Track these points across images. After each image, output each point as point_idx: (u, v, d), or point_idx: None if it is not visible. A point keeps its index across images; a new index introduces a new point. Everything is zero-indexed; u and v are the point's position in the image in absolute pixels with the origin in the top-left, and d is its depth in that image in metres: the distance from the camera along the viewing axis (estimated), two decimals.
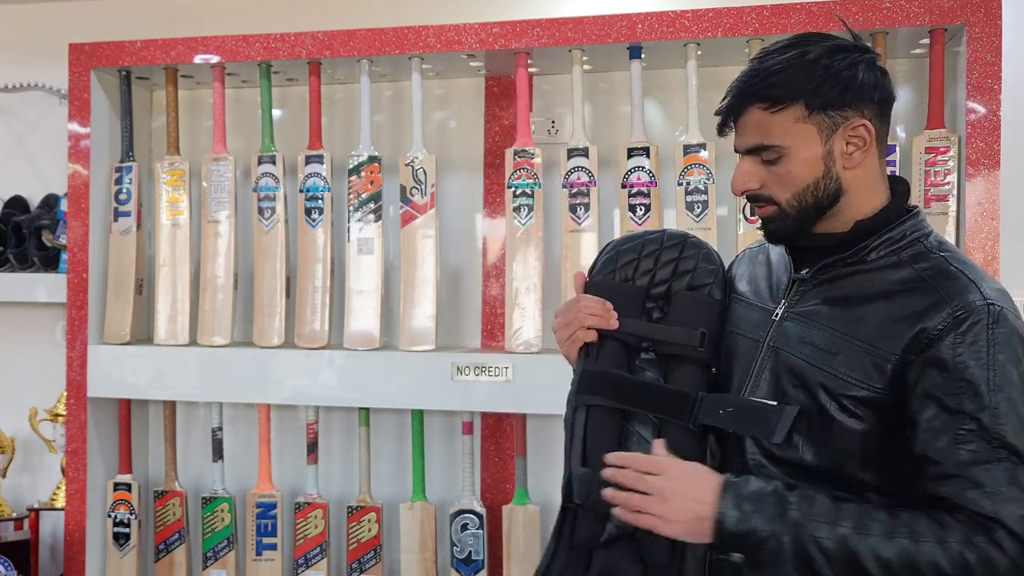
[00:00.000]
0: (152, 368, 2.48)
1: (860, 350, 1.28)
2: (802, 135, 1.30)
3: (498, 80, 2.54)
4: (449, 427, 2.55)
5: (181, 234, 2.54)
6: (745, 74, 1.35)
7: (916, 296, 1.28)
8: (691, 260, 1.45)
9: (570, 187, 2.31)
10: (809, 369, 1.31)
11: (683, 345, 1.41)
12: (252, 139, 2.64)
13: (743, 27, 2.17)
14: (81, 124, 2.54)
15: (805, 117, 1.30)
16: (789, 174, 1.32)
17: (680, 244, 1.47)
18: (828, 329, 1.32)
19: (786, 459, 1.32)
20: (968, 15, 2.08)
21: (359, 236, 2.42)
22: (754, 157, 1.34)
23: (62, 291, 2.57)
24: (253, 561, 2.49)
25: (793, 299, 1.38)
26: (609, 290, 1.45)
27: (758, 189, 1.35)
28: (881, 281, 1.31)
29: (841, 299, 1.33)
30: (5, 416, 2.83)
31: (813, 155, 1.31)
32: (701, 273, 1.45)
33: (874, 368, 1.27)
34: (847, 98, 1.30)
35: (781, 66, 1.31)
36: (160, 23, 2.74)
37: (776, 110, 1.30)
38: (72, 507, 2.54)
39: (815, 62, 1.30)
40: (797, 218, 1.34)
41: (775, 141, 1.31)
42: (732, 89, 1.36)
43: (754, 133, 1.33)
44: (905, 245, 1.34)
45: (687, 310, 1.44)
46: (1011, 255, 2.22)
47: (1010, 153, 2.18)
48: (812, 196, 1.32)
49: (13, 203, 2.86)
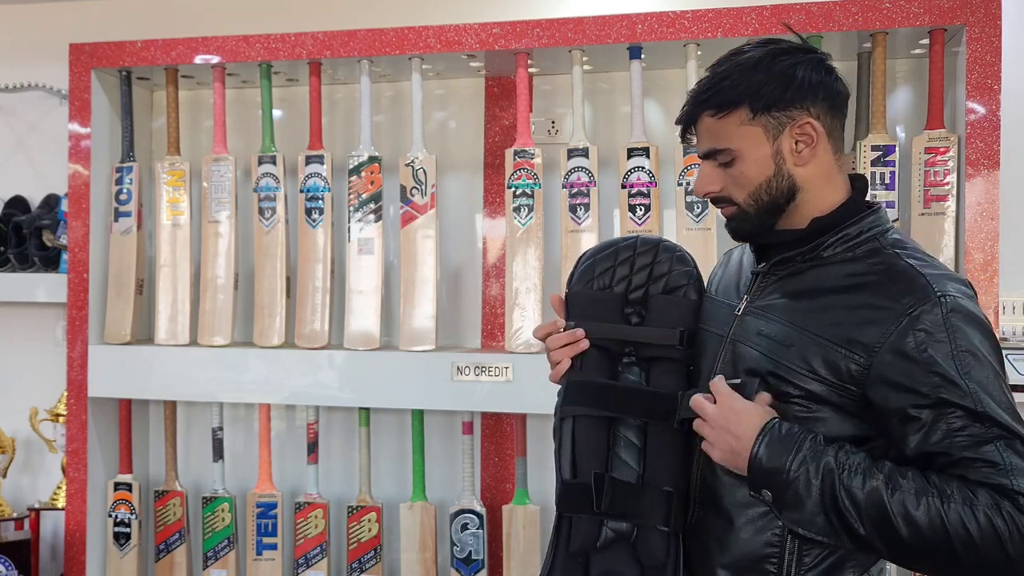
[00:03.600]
0: (153, 368, 2.49)
1: (812, 343, 1.31)
2: (749, 137, 1.35)
3: (498, 80, 2.54)
4: (449, 427, 2.55)
5: (182, 234, 2.54)
6: (697, 84, 1.41)
7: (868, 292, 1.30)
8: (665, 264, 1.48)
9: (570, 187, 2.31)
10: (761, 359, 1.34)
11: (663, 346, 1.44)
12: (252, 139, 2.64)
13: (743, 27, 2.18)
14: (82, 124, 2.54)
15: (750, 120, 1.35)
16: (742, 175, 1.36)
17: (653, 249, 1.50)
18: (782, 322, 1.35)
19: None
20: (968, 15, 2.08)
21: (359, 236, 2.42)
22: (712, 161, 1.39)
23: (63, 291, 2.57)
24: (253, 561, 2.50)
25: (754, 294, 1.41)
26: (588, 300, 1.48)
27: (718, 191, 1.40)
28: (835, 276, 1.34)
29: (796, 293, 1.36)
30: (6, 416, 2.83)
31: (762, 155, 1.35)
32: (676, 276, 1.49)
33: (825, 362, 1.30)
34: (789, 97, 1.34)
35: (725, 72, 1.37)
36: (160, 23, 2.75)
37: (722, 115, 1.35)
38: (73, 507, 2.54)
39: (756, 66, 1.35)
40: (756, 216, 1.38)
41: (725, 144, 1.36)
42: (686, 101, 1.41)
43: (707, 139, 1.38)
44: (862, 241, 1.36)
45: (664, 312, 1.47)
46: (1010, 255, 2.23)
47: (1010, 153, 2.19)
48: (767, 194, 1.36)
49: (14, 203, 2.87)
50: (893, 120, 2.33)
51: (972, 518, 1.17)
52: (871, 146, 2.18)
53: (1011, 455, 1.20)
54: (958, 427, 1.22)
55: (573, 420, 1.43)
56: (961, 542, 1.18)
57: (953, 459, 1.22)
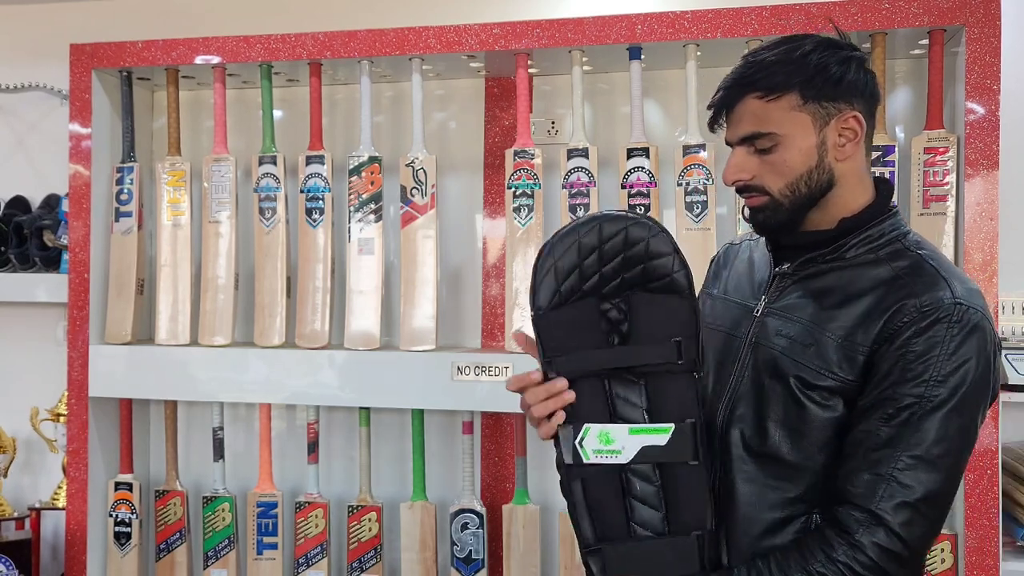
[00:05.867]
0: (153, 368, 2.49)
1: (834, 343, 1.31)
2: (797, 124, 1.33)
3: (498, 81, 2.55)
4: (449, 427, 2.56)
5: (182, 234, 2.54)
6: (738, 67, 1.37)
7: (891, 292, 1.31)
8: (640, 248, 1.30)
9: (570, 187, 2.31)
10: (783, 360, 1.34)
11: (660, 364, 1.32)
12: (253, 139, 2.65)
13: (743, 28, 2.18)
14: (82, 124, 2.55)
15: (800, 106, 1.32)
16: (784, 163, 1.33)
17: (622, 232, 1.30)
18: (804, 322, 1.34)
19: (764, 453, 1.34)
20: (967, 16, 2.08)
21: (360, 236, 2.42)
22: (747, 147, 1.35)
23: (63, 291, 2.58)
24: (254, 560, 2.50)
25: (773, 295, 1.40)
26: (560, 325, 1.31)
27: (749, 180, 1.36)
28: (859, 278, 1.34)
29: (818, 293, 1.36)
30: (6, 416, 2.84)
31: (807, 144, 1.33)
32: (656, 265, 1.30)
33: (846, 360, 1.30)
34: (839, 90, 1.33)
35: (776, 58, 1.34)
36: (161, 24, 2.75)
37: (772, 98, 1.33)
38: (73, 506, 2.55)
39: (809, 55, 1.33)
40: (789, 208, 1.35)
41: (771, 129, 1.33)
42: (725, 82, 1.38)
43: (750, 121, 1.34)
44: (883, 243, 1.36)
45: (651, 318, 1.31)
46: (1010, 255, 2.23)
47: (1009, 153, 2.19)
48: (805, 186, 1.34)
49: (14, 203, 2.87)
50: (892, 120, 2.33)
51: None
52: (871, 146, 2.18)
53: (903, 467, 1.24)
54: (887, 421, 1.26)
55: (582, 482, 1.33)
56: None
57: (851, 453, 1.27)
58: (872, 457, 1.25)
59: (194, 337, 2.51)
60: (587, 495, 1.34)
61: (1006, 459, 2.24)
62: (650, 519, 1.33)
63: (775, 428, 1.33)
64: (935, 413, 1.24)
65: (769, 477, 1.34)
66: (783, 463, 1.33)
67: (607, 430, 1.33)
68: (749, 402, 1.37)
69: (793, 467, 1.33)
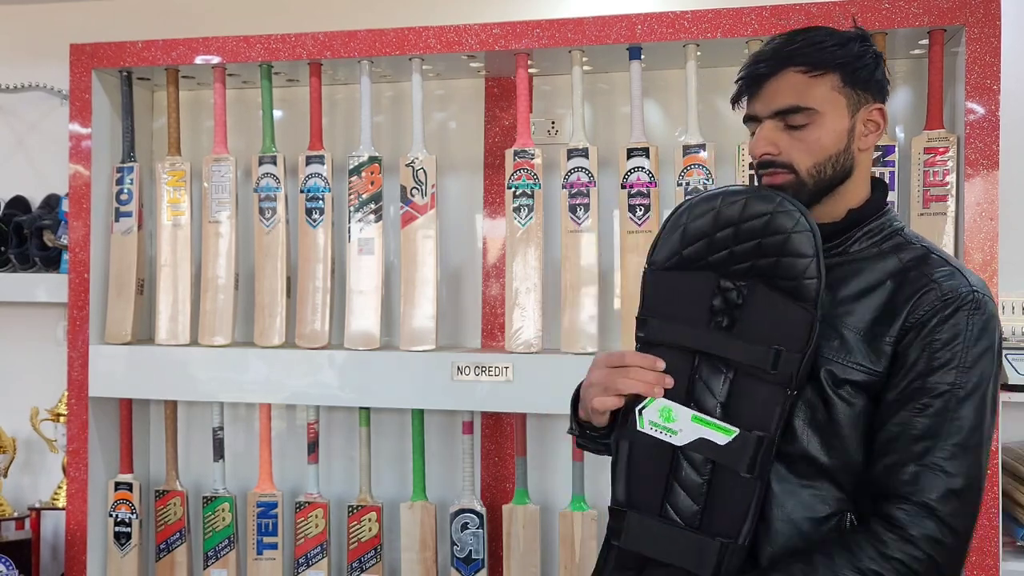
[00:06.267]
0: (153, 368, 2.49)
1: (857, 335, 1.31)
2: (835, 104, 1.34)
3: (498, 81, 2.55)
4: (449, 427, 2.56)
5: (182, 234, 2.54)
6: (781, 41, 1.36)
7: (906, 283, 1.32)
8: (780, 238, 1.25)
9: (570, 187, 2.31)
10: (815, 359, 1.31)
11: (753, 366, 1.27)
12: (253, 139, 2.65)
13: (743, 28, 2.18)
14: (82, 124, 2.55)
15: (839, 87, 1.34)
16: (817, 141, 1.33)
17: (767, 215, 1.26)
18: (826, 319, 1.32)
19: (793, 453, 1.32)
20: (967, 16, 2.08)
21: (360, 236, 2.42)
22: (778, 122, 1.35)
23: (63, 291, 2.58)
24: (254, 560, 2.50)
25: None
26: (669, 288, 1.28)
27: (777, 155, 1.35)
28: (868, 270, 1.35)
29: (830, 287, 1.34)
30: (6, 416, 2.84)
31: (841, 127, 1.35)
32: (789, 263, 1.25)
33: (872, 352, 1.30)
34: (871, 82, 1.37)
35: (820, 36, 1.35)
36: (161, 24, 2.75)
37: (816, 75, 1.33)
38: (73, 506, 2.55)
39: (850, 42, 1.36)
40: (811, 190, 1.35)
41: (810, 104, 1.33)
42: (764, 54, 1.36)
43: (790, 95, 1.33)
44: (884, 237, 1.38)
45: (764, 315, 1.26)
46: (1010, 255, 2.23)
47: (1009, 153, 2.19)
48: (831, 168, 1.35)
49: (14, 203, 2.87)
50: (892, 120, 2.33)
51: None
52: None
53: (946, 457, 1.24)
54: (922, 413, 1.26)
55: (629, 445, 1.31)
56: None
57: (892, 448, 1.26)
58: (914, 449, 1.25)
59: (194, 337, 2.51)
60: (631, 457, 1.31)
61: (1006, 459, 2.24)
62: (685, 508, 1.29)
63: (803, 427, 1.31)
64: (968, 401, 1.26)
65: (801, 477, 1.32)
66: (814, 462, 1.31)
67: (671, 408, 1.29)
68: None
69: (824, 466, 1.31)
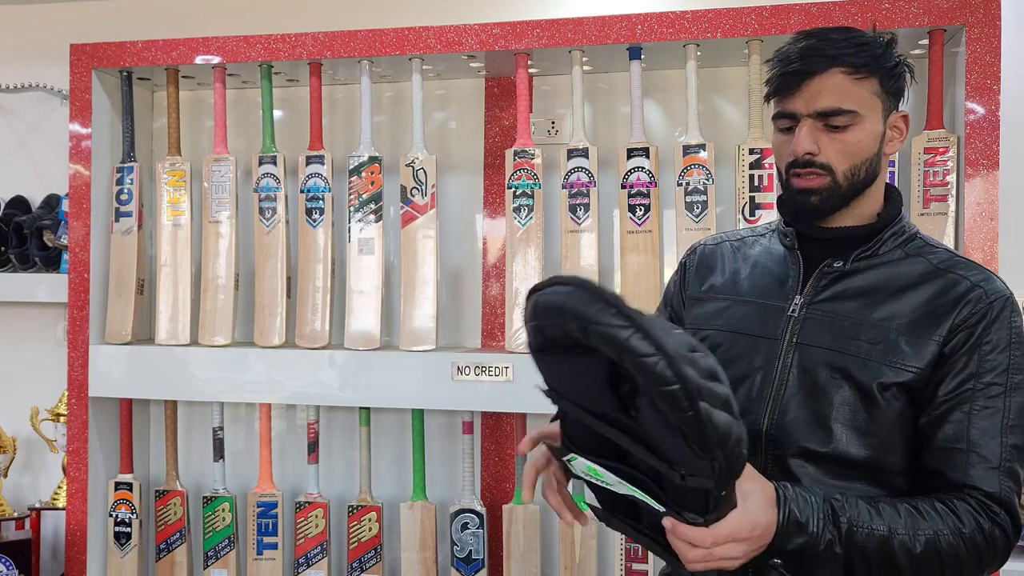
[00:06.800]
0: (153, 368, 2.49)
1: (901, 338, 1.31)
2: (873, 108, 1.35)
3: (498, 81, 2.55)
4: (449, 427, 2.56)
5: (182, 234, 2.54)
6: (820, 41, 1.34)
7: (945, 283, 1.34)
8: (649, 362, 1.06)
9: (570, 187, 2.31)
10: (853, 361, 1.32)
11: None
12: (253, 139, 2.65)
13: (743, 28, 2.18)
14: (82, 124, 2.55)
15: (878, 92, 1.35)
16: (858, 143, 1.34)
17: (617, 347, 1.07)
18: (863, 321, 1.33)
19: (826, 454, 1.32)
20: (967, 16, 2.08)
21: (360, 236, 2.42)
22: (818, 122, 1.34)
23: (63, 291, 2.58)
24: (254, 560, 2.50)
25: (810, 293, 1.38)
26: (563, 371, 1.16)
27: (816, 155, 1.34)
28: (901, 273, 1.36)
29: (866, 290, 1.35)
30: (6, 416, 2.84)
31: (876, 130, 1.36)
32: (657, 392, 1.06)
33: (921, 353, 1.31)
34: (900, 90, 1.38)
35: (865, 40, 1.35)
36: (161, 24, 2.75)
37: (860, 77, 1.33)
38: (73, 506, 2.55)
39: (889, 46, 1.36)
40: (844, 193, 1.35)
41: (853, 106, 1.33)
42: (807, 51, 1.34)
43: (834, 96, 1.32)
44: (906, 240, 1.39)
45: (660, 431, 1.10)
46: (1010, 255, 2.23)
47: (1009, 153, 2.19)
48: (865, 171, 1.35)
49: (15, 203, 2.87)
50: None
51: (961, 545, 1.25)
52: None
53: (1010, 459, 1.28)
54: (978, 415, 1.28)
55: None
56: (951, 565, 1.26)
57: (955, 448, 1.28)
58: (979, 453, 1.28)
59: (194, 337, 2.51)
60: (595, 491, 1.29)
61: None
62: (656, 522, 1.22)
63: (841, 429, 1.31)
64: (1019, 401, 1.30)
65: (835, 477, 1.31)
66: (849, 462, 1.31)
67: (598, 469, 1.20)
68: (803, 405, 1.33)
69: (860, 465, 1.31)
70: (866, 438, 1.31)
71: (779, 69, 1.36)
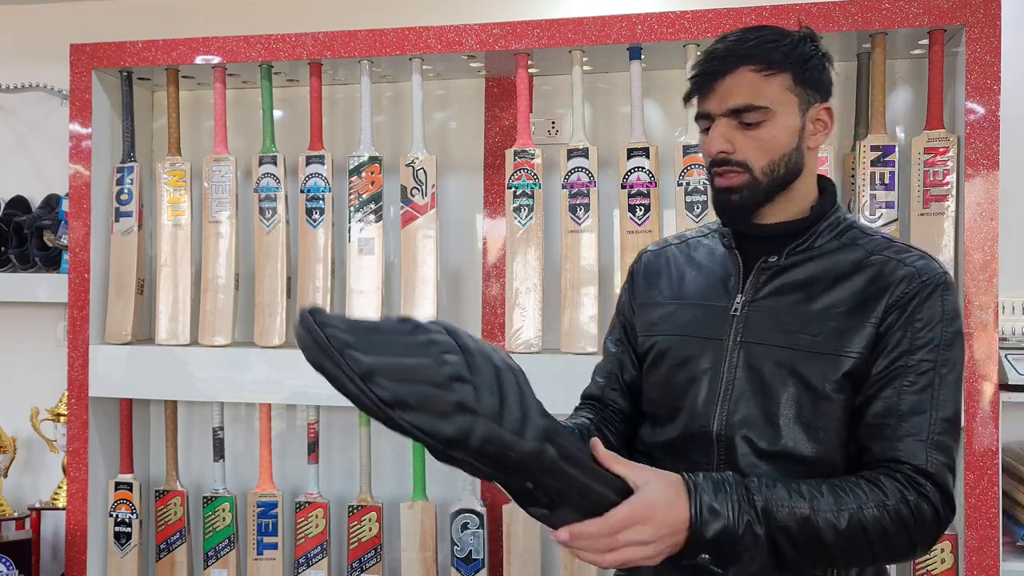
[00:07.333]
0: (153, 368, 2.49)
1: (843, 327, 1.32)
2: (787, 103, 1.35)
3: (498, 81, 2.55)
4: None
5: (182, 234, 2.54)
6: (733, 40, 1.37)
7: (880, 268, 1.35)
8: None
9: (570, 187, 2.31)
10: (797, 356, 1.33)
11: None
12: (253, 139, 2.65)
13: None
14: (82, 124, 2.55)
15: (791, 87, 1.35)
16: (773, 139, 1.34)
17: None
18: (803, 314, 1.34)
19: (778, 452, 1.32)
20: (967, 16, 2.08)
21: (360, 236, 2.42)
22: (732, 120, 1.35)
23: (63, 291, 2.58)
24: (254, 560, 2.50)
25: (750, 291, 1.39)
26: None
27: (732, 153, 1.35)
28: (837, 263, 1.37)
29: (804, 283, 1.36)
30: (6, 416, 2.84)
31: (792, 125, 1.36)
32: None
33: (860, 338, 1.32)
34: (820, 82, 1.38)
35: (771, 35, 1.36)
36: (161, 24, 2.75)
37: (769, 74, 1.34)
38: (73, 506, 2.55)
39: (801, 41, 1.37)
40: (765, 189, 1.36)
41: (764, 103, 1.34)
42: (717, 52, 1.36)
43: (745, 93, 1.34)
44: (842, 231, 1.40)
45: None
46: (1010, 255, 2.24)
47: (1009, 153, 2.19)
48: (784, 167, 1.36)
49: (15, 203, 2.87)
50: (893, 120, 2.33)
51: (886, 517, 1.24)
52: (871, 146, 2.18)
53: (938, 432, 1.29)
54: (908, 390, 1.29)
55: None
56: (878, 538, 1.25)
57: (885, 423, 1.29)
58: (907, 426, 1.28)
59: (194, 337, 2.51)
60: None
61: (1006, 459, 2.24)
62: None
63: (789, 426, 1.32)
64: (949, 375, 1.31)
65: (788, 475, 1.31)
66: (799, 459, 1.32)
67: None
68: (752, 403, 1.34)
69: (810, 462, 1.32)
70: (814, 433, 1.32)
71: (693, 73, 1.39)
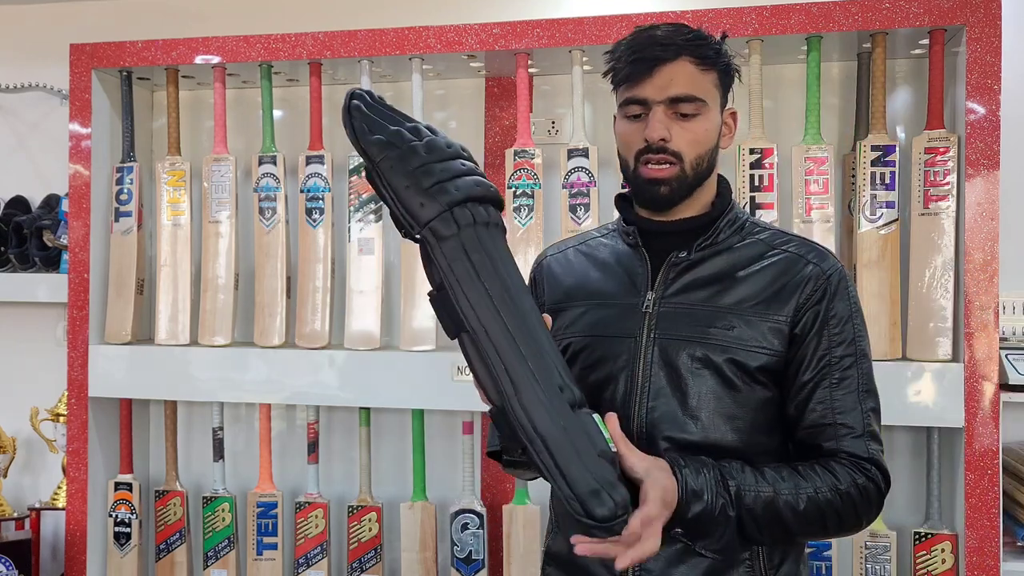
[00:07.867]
0: (153, 368, 2.49)
1: (754, 321, 1.35)
2: (714, 100, 1.39)
3: (498, 80, 2.55)
4: (449, 427, 2.56)
5: (182, 234, 2.54)
6: (672, 31, 1.38)
7: (784, 264, 1.39)
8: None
9: (570, 187, 2.31)
10: (711, 348, 1.35)
11: None
12: (253, 139, 2.65)
13: (743, 27, 2.18)
14: (82, 124, 2.55)
15: (717, 85, 1.39)
16: (705, 132, 1.37)
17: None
18: (715, 308, 1.37)
19: (699, 444, 1.34)
20: (968, 15, 2.08)
21: (360, 236, 2.42)
22: (669, 109, 1.36)
23: (63, 291, 2.58)
24: (254, 560, 2.50)
25: (661, 287, 1.40)
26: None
27: (669, 142, 1.36)
28: (743, 256, 1.40)
29: (714, 278, 1.39)
30: (6, 416, 2.83)
31: (718, 122, 1.40)
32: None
33: (772, 334, 1.35)
34: (731, 87, 1.43)
35: (706, 35, 1.39)
36: (161, 23, 2.75)
37: (705, 69, 1.37)
38: (73, 507, 2.55)
39: (722, 47, 1.41)
40: (691, 183, 1.39)
41: (702, 95, 1.36)
42: (660, 39, 1.36)
43: (686, 83, 1.35)
44: (740, 226, 1.43)
45: None
46: (1010, 255, 2.23)
47: (1009, 153, 2.19)
48: (707, 161, 1.39)
49: (14, 203, 2.87)
50: (893, 120, 2.33)
51: (838, 499, 1.32)
52: (871, 146, 2.18)
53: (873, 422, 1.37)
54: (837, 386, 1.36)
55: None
56: (831, 517, 1.33)
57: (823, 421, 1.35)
58: (844, 427, 1.35)
59: (194, 337, 2.51)
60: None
61: (1006, 459, 2.23)
62: None
63: (709, 417, 1.34)
64: (864, 364, 1.38)
65: None
66: (721, 449, 1.34)
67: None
68: (670, 398, 1.35)
69: (732, 451, 1.34)
70: (734, 422, 1.35)
71: (628, 56, 1.38)
